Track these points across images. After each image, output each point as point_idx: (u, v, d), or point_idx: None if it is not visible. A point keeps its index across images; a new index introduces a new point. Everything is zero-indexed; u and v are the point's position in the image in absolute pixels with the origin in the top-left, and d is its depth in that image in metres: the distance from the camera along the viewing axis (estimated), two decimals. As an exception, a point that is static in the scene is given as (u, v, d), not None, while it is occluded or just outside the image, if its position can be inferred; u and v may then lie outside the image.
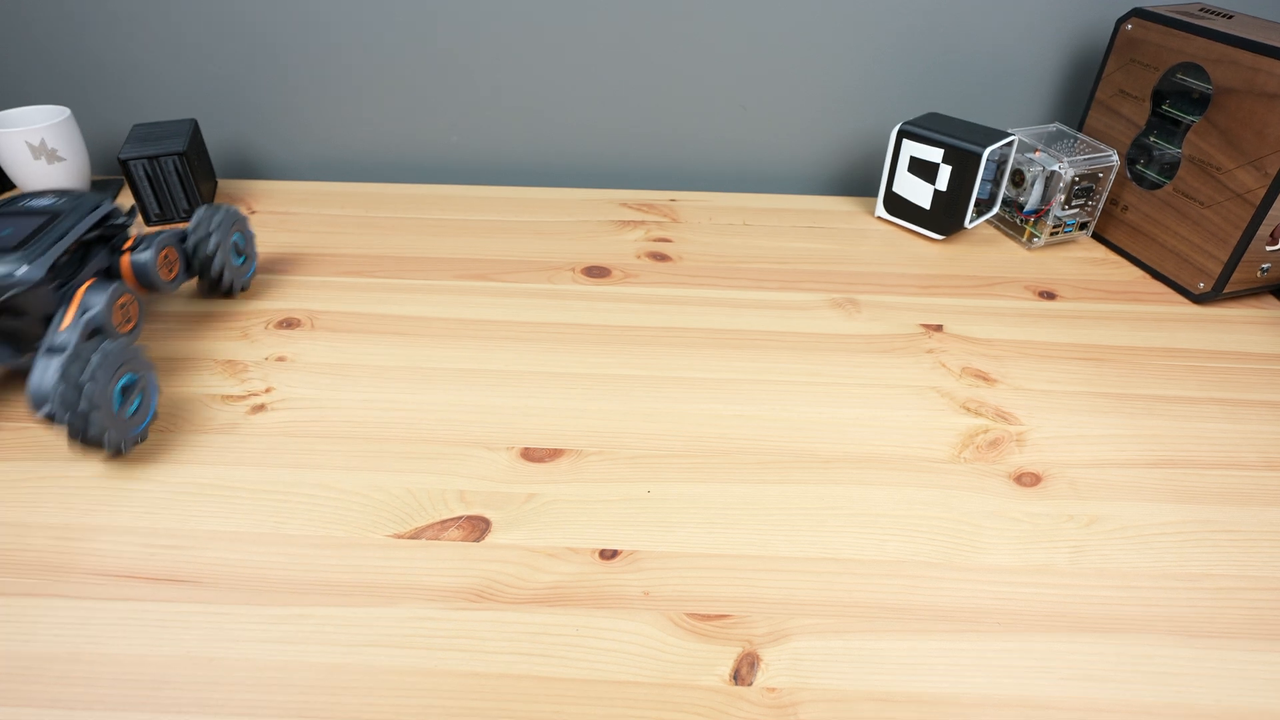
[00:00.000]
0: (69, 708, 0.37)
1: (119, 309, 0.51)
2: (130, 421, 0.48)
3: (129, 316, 0.53)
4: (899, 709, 0.37)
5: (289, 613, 0.41)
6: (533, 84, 0.83)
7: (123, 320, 0.52)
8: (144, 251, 0.56)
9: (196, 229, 0.61)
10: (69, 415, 0.45)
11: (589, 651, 0.40)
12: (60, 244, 0.50)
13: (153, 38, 0.80)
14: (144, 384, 0.49)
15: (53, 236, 0.50)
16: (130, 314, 0.53)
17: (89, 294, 0.50)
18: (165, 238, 0.58)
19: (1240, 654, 0.40)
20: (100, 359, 0.45)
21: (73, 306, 0.49)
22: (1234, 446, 0.53)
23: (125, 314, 0.52)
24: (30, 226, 0.50)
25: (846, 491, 0.49)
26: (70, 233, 0.51)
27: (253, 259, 0.66)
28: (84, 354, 0.45)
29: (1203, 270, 0.67)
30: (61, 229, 0.51)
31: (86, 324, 0.49)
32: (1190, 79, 0.66)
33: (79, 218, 0.52)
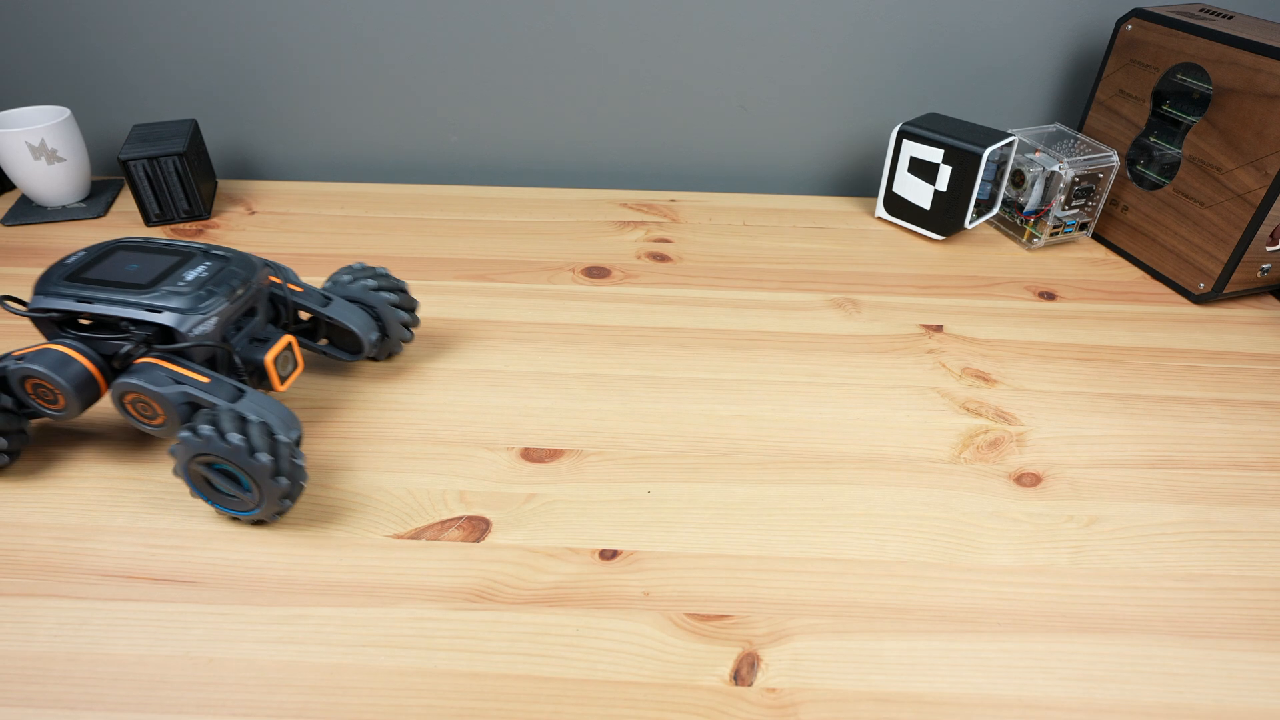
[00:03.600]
0: (69, 707, 0.37)
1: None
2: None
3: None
4: (899, 709, 0.37)
5: (289, 613, 0.41)
6: (533, 84, 0.83)
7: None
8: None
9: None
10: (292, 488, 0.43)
11: (589, 652, 0.40)
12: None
13: (153, 38, 0.80)
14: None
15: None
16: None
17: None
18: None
19: (1240, 654, 0.40)
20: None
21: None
22: (1234, 447, 0.53)
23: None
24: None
25: (846, 492, 0.49)
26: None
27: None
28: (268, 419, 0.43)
29: (1203, 271, 0.67)
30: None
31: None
32: (1190, 79, 0.66)
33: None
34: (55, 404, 0.45)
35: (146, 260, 0.48)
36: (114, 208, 0.80)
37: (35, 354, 0.44)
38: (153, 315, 0.45)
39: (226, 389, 0.45)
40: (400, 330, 0.57)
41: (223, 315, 0.46)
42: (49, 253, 0.72)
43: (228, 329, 0.48)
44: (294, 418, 0.45)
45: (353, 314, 0.54)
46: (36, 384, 0.45)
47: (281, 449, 0.42)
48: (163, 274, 0.46)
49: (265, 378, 0.49)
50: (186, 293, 0.45)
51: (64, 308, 0.45)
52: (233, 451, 0.41)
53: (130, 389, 0.44)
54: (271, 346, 0.49)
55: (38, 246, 0.73)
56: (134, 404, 0.44)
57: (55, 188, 0.76)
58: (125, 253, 0.48)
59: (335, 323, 0.54)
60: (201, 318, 0.45)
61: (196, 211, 0.77)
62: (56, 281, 0.46)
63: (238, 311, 0.48)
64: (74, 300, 0.45)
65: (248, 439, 0.41)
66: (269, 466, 0.41)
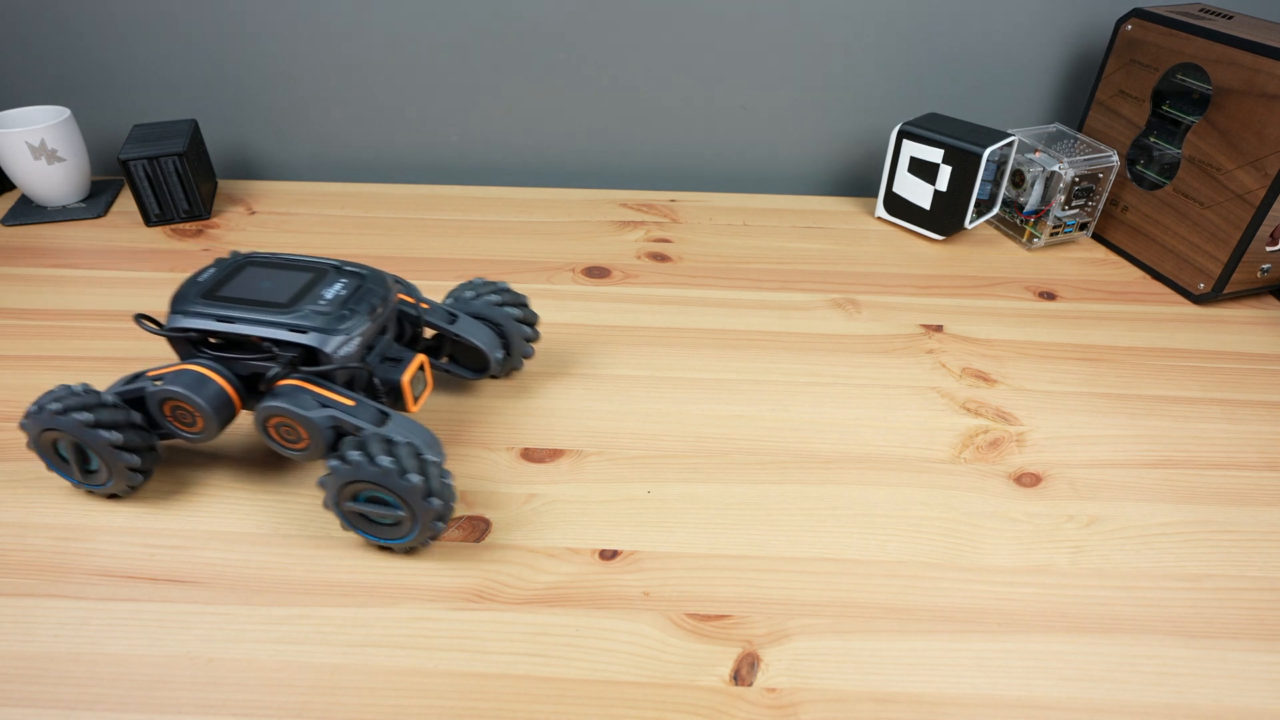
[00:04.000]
0: (69, 707, 0.37)
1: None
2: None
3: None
4: (899, 709, 0.37)
5: (288, 613, 0.41)
6: (533, 84, 0.83)
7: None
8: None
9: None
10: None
11: (589, 652, 0.40)
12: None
13: (153, 39, 0.80)
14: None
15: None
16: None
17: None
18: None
19: (1240, 654, 0.40)
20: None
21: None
22: (1234, 447, 0.53)
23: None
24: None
25: (846, 492, 0.49)
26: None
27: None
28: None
29: (1203, 271, 0.67)
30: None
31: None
32: (1190, 79, 0.66)
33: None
34: (193, 426, 0.44)
35: (279, 277, 0.46)
36: (114, 208, 0.80)
37: (174, 375, 0.43)
38: (297, 336, 0.43)
39: (370, 412, 0.43)
40: (523, 346, 0.55)
41: (365, 335, 0.45)
42: (49, 253, 0.72)
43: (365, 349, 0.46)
44: (436, 439, 0.44)
45: (479, 331, 0.53)
46: (176, 406, 0.43)
47: (431, 469, 0.41)
48: (300, 292, 0.45)
49: (399, 398, 0.47)
50: (329, 312, 0.44)
51: (205, 328, 0.43)
52: (383, 475, 0.40)
53: (276, 413, 0.42)
54: (406, 366, 0.47)
55: (38, 246, 0.73)
56: (278, 428, 0.43)
57: (55, 188, 0.76)
58: (256, 269, 0.47)
59: (462, 340, 0.52)
60: (345, 338, 0.43)
61: (196, 211, 0.77)
62: (193, 300, 0.44)
63: (377, 331, 0.46)
64: (214, 320, 0.43)
65: (398, 461, 0.40)
66: (420, 488, 0.40)
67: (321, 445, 0.43)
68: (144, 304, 0.65)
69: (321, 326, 0.43)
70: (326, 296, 0.45)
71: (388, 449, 0.40)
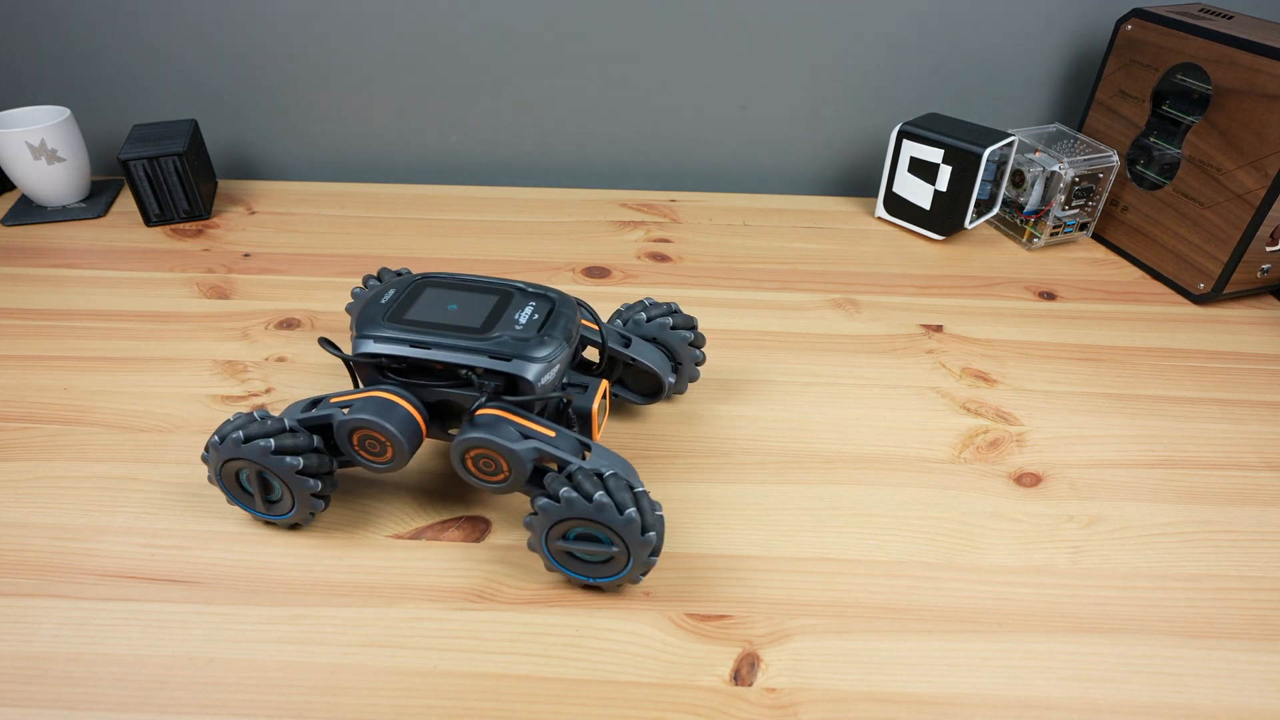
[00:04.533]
0: (69, 707, 0.37)
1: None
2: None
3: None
4: (898, 709, 0.37)
5: (289, 613, 0.41)
6: (533, 84, 0.83)
7: None
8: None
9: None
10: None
11: (589, 652, 0.40)
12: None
13: (153, 38, 0.80)
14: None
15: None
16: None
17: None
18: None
19: (1240, 654, 0.40)
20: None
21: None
22: (1234, 447, 0.53)
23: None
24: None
25: (846, 492, 0.49)
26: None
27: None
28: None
29: (1203, 271, 0.67)
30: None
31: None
32: (1190, 79, 0.66)
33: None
34: (381, 456, 0.42)
35: (465, 300, 0.44)
36: (114, 208, 0.80)
37: (363, 403, 0.41)
38: (498, 364, 0.41)
39: (571, 443, 0.41)
40: (693, 370, 0.54)
41: (564, 363, 0.42)
42: (49, 253, 0.72)
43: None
44: (633, 467, 0.42)
45: (652, 354, 0.50)
46: (366, 435, 0.41)
47: (644, 502, 0.39)
48: (492, 316, 0.43)
49: (586, 426, 0.45)
50: (528, 338, 0.41)
51: (398, 354, 0.41)
52: (598, 511, 0.38)
53: (478, 444, 0.40)
54: (594, 394, 0.44)
55: (38, 246, 0.73)
56: (476, 460, 0.41)
57: (55, 188, 0.76)
58: (436, 290, 0.45)
59: (637, 364, 0.50)
60: (546, 366, 0.41)
61: (196, 211, 0.77)
62: (380, 323, 0.42)
63: (570, 358, 0.44)
64: (408, 345, 0.41)
65: (612, 496, 0.38)
66: (638, 523, 0.38)
67: (521, 479, 0.41)
68: (143, 304, 0.65)
69: (523, 354, 0.41)
70: (521, 321, 0.42)
71: (600, 484, 0.39)
